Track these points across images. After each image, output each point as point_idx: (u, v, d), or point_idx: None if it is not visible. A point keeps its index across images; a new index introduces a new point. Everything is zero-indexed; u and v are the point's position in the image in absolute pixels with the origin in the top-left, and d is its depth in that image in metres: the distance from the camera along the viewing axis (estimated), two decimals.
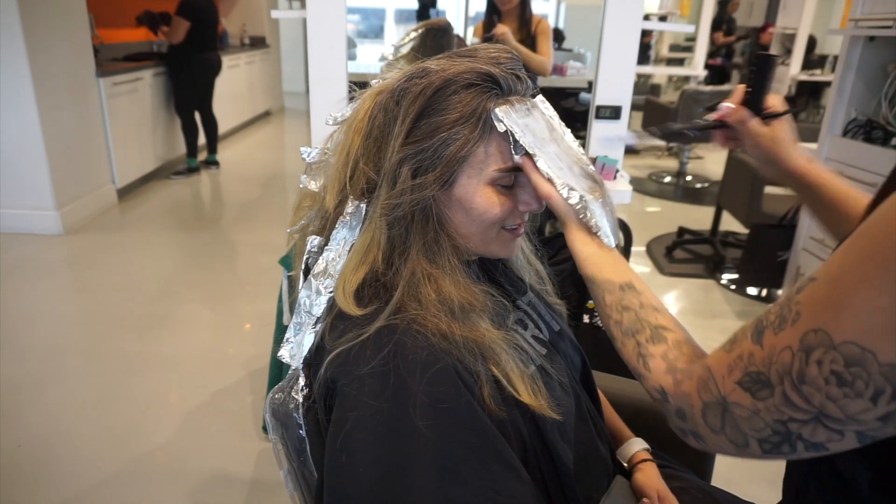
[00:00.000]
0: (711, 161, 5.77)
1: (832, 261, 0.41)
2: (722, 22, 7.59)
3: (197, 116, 4.75)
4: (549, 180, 0.67)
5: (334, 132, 0.77)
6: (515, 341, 0.72)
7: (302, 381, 0.72)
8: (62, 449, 1.82)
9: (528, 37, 2.65)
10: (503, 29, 2.49)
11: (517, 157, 0.68)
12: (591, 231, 0.68)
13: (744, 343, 0.47)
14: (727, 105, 0.82)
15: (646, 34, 1.67)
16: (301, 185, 0.81)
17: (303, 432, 0.72)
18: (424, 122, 0.66)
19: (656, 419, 1.07)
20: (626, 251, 1.83)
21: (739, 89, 0.83)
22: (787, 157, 0.80)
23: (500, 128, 0.66)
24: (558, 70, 4.50)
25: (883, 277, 0.36)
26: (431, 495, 0.58)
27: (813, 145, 2.33)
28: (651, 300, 0.63)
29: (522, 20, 2.66)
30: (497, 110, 0.66)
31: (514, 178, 0.70)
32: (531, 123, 0.69)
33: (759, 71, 0.80)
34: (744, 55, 7.35)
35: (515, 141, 0.67)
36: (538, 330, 0.81)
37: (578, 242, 0.68)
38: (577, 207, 0.67)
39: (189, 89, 4.66)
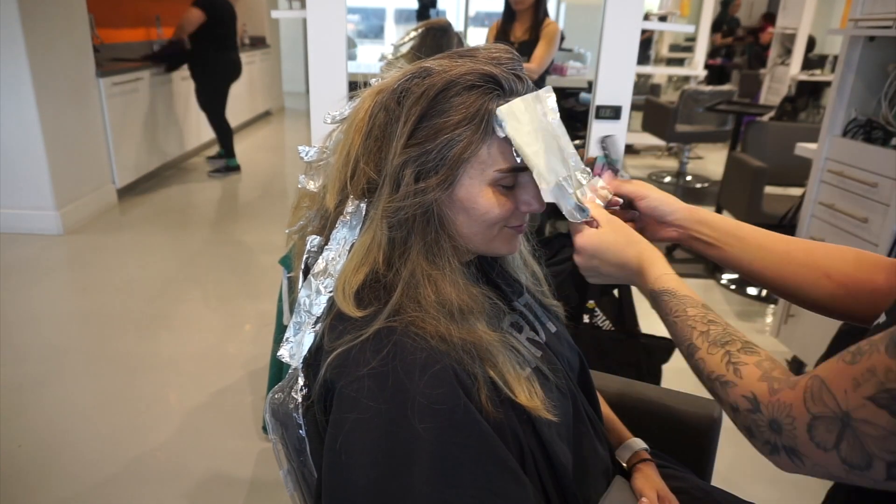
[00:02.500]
0: (711, 161, 5.77)
1: None
2: (723, 22, 7.59)
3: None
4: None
5: (333, 131, 0.77)
6: (510, 343, 0.72)
7: (301, 381, 0.72)
8: (62, 449, 1.82)
9: (535, 38, 2.66)
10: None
11: (519, 159, 0.68)
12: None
13: (875, 356, 0.43)
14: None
15: (644, 31, 1.67)
16: (299, 185, 0.81)
17: (302, 432, 0.72)
18: (427, 124, 0.66)
19: (656, 419, 1.07)
20: None
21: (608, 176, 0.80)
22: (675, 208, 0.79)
23: (501, 133, 0.66)
24: (558, 70, 4.50)
25: None
26: (429, 497, 0.58)
27: (813, 145, 2.33)
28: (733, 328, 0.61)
29: (535, 21, 2.67)
30: (498, 112, 0.66)
31: (515, 179, 0.70)
32: (531, 120, 0.68)
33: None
34: (744, 55, 7.35)
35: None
36: (534, 332, 0.81)
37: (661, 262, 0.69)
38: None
39: (213, 90, 4.60)
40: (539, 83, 2.06)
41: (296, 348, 0.71)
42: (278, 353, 0.72)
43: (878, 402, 0.42)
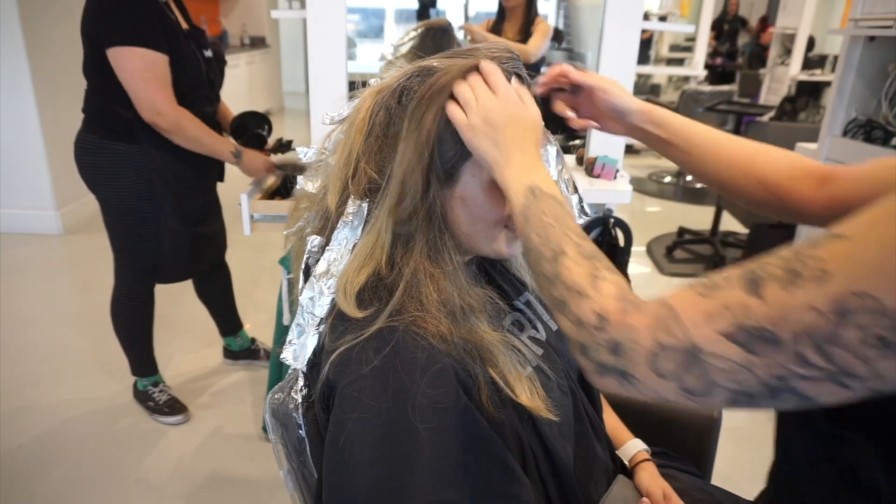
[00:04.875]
0: None
1: (878, 223, 0.40)
2: (723, 22, 7.59)
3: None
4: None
5: (332, 132, 0.77)
6: (511, 343, 0.71)
7: (301, 382, 0.72)
8: (62, 449, 1.82)
9: (528, 35, 2.66)
10: (469, 26, 2.56)
11: None
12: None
13: (731, 291, 0.44)
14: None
15: (644, 31, 1.68)
16: (298, 186, 0.80)
17: (302, 432, 0.72)
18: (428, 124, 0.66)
19: (656, 419, 1.07)
20: (626, 251, 1.83)
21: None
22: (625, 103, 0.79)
23: None
24: None
25: None
26: (430, 497, 0.58)
27: (813, 145, 2.33)
28: None
29: (526, 21, 2.67)
30: None
31: None
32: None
33: None
34: (743, 55, 7.35)
35: None
36: (535, 330, 0.81)
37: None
38: None
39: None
40: (534, 71, 2.06)
41: (300, 350, 0.71)
42: (281, 356, 0.71)
43: (732, 339, 0.42)
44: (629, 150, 5.87)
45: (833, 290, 0.39)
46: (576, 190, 0.68)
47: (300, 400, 0.72)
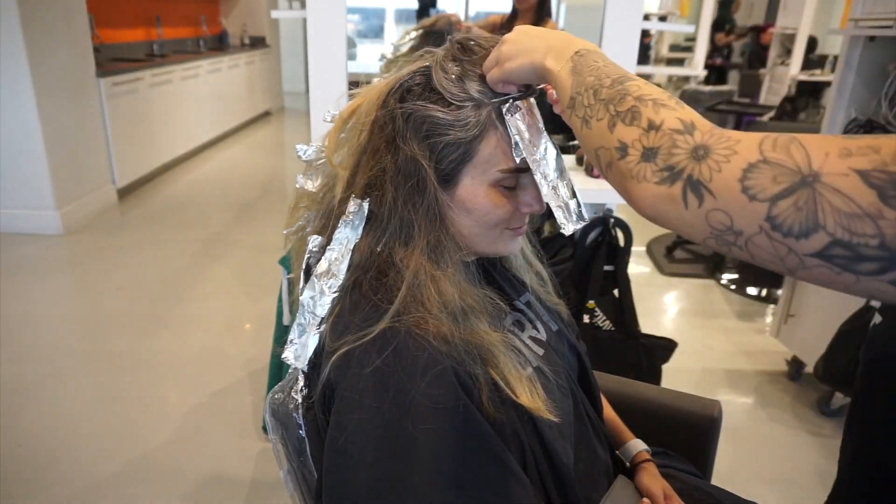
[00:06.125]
0: None
1: None
2: (724, 22, 7.59)
3: None
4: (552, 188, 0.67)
5: (332, 130, 0.77)
6: (512, 343, 0.71)
7: (301, 382, 0.72)
8: (62, 449, 1.82)
9: None
10: (457, 17, 2.54)
11: (519, 160, 0.68)
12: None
13: (881, 139, 0.36)
14: None
15: (646, 34, 1.67)
16: (297, 185, 0.80)
17: (302, 432, 0.72)
18: (430, 123, 0.66)
19: (656, 419, 1.07)
20: (626, 251, 1.83)
21: None
22: None
23: (512, 130, 0.66)
24: None
25: None
26: (430, 498, 0.58)
27: None
28: None
29: (537, 20, 2.68)
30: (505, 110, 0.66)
31: (517, 180, 0.70)
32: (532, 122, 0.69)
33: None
34: (744, 55, 7.34)
35: (517, 143, 0.67)
36: (535, 330, 0.81)
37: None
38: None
39: None
40: None
41: (301, 350, 0.71)
42: (283, 356, 0.71)
43: (867, 179, 0.35)
44: None
45: None
46: (574, 195, 0.68)
47: (300, 400, 0.72)
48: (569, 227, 0.67)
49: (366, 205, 0.69)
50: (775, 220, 0.37)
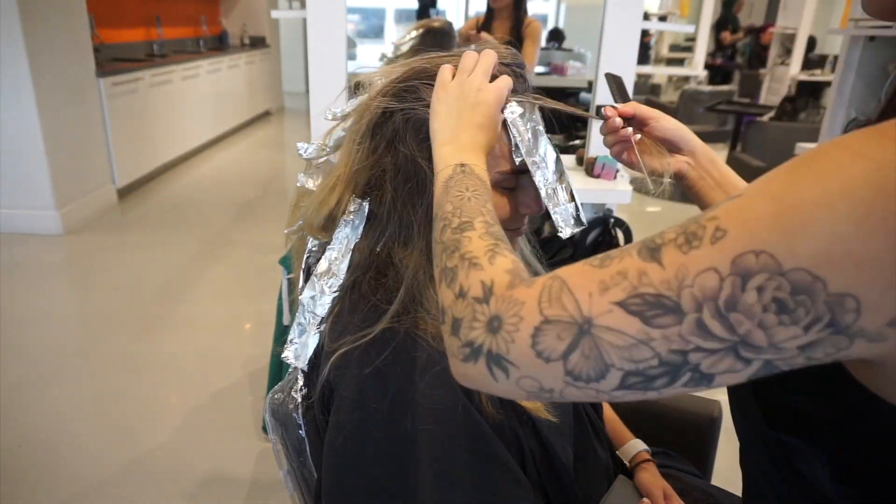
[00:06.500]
0: None
1: (772, 180, 0.37)
2: (727, 22, 7.60)
3: None
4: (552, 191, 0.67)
5: (333, 128, 0.77)
6: None
7: (301, 382, 0.72)
8: (62, 449, 1.82)
9: (518, 38, 2.64)
10: (487, 36, 2.53)
11: (519, 161, 0.68)
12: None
13: (627, 260, 0.40)
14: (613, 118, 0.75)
15: (646, 34, 1.67)
16: (298, 184, 0.80)
17: (302, 432, 0.72)
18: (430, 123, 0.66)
19: (656, 419, 1.07)
20: None
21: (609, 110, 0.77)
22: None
23: (513, 131, 0.66)
24: (558, 70, 4.50)
25: (845, 203, 0.33)
26: (430, 498, 0.58)
27: (813, 145, 2.33)
28: None
29: (515, 20, 2.67)
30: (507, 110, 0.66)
31: (516, 181, 0.70)
32: (532, 123, 0.69)
33: (618, 88, 0.77)
34: (744, 55, 7.35)
35: (517, 145, 0.67)
36: None
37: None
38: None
39: None
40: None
41: (301, 350, 0.71)
42: (283, 356, 0.71)
43: (629, 309, 0.38)
44: None
45: (730, 248, 0.36)
46: (573, 199, 0.68)
47: (300, 400, 0.72)
48: (566, 231, 0.67)
49: (366, 204, 0.69)
50: (573, 373, 0.40)
